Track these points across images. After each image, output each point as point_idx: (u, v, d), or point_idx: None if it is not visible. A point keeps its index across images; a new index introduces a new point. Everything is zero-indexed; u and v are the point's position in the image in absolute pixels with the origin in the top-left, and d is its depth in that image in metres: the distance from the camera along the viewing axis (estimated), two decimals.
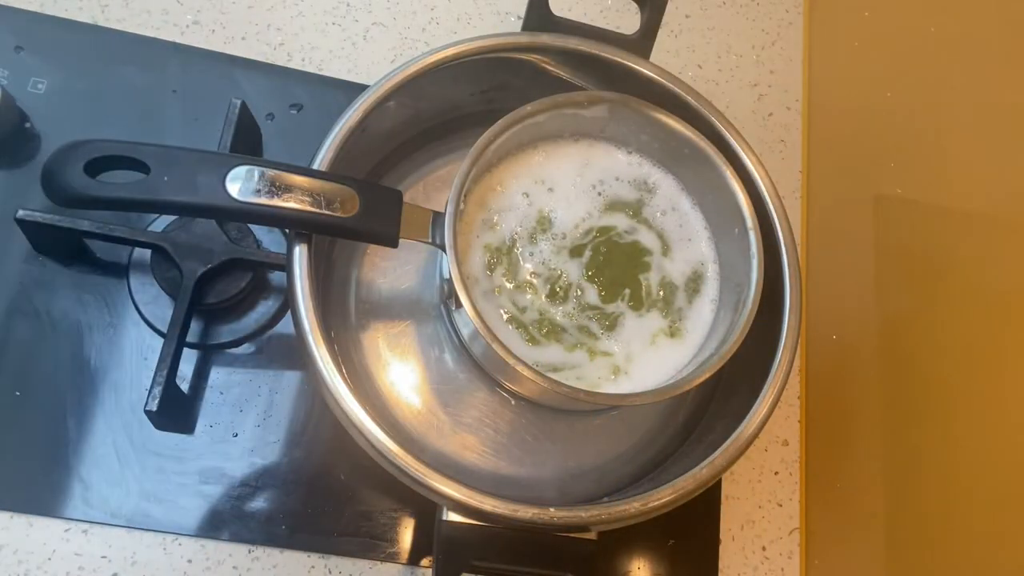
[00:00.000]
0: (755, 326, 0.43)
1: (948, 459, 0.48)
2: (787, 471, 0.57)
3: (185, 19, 0.59)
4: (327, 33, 0.61)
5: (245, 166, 0.38)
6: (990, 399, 0.45)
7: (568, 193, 0.48)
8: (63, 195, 0.38)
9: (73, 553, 0.47)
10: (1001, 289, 0.46)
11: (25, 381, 0.49)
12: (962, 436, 0.47)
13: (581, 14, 0.62)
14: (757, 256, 0.44)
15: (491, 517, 0.38)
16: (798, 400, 0.60)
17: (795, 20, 0.71)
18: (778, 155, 0.66)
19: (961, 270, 0.49)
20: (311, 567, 0.49)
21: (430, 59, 0.46)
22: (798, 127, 0.67)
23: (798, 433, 0.59)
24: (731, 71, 0.68)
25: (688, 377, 0.42)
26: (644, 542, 0.53)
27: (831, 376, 0.60)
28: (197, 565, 0.48)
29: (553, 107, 0.45)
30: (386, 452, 0.39)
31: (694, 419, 0.51)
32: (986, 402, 0.46)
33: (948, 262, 0.51)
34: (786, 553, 0.55)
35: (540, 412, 0.48)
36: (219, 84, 0.57)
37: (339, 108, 0.45)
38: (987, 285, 0.47)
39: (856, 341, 0.58)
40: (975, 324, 0.47)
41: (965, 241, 0.49)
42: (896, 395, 0.53)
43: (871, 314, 0.57)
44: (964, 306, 0.49)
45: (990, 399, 0.45)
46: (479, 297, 0.44)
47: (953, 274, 0.50)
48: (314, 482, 0.50)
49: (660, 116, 0.46)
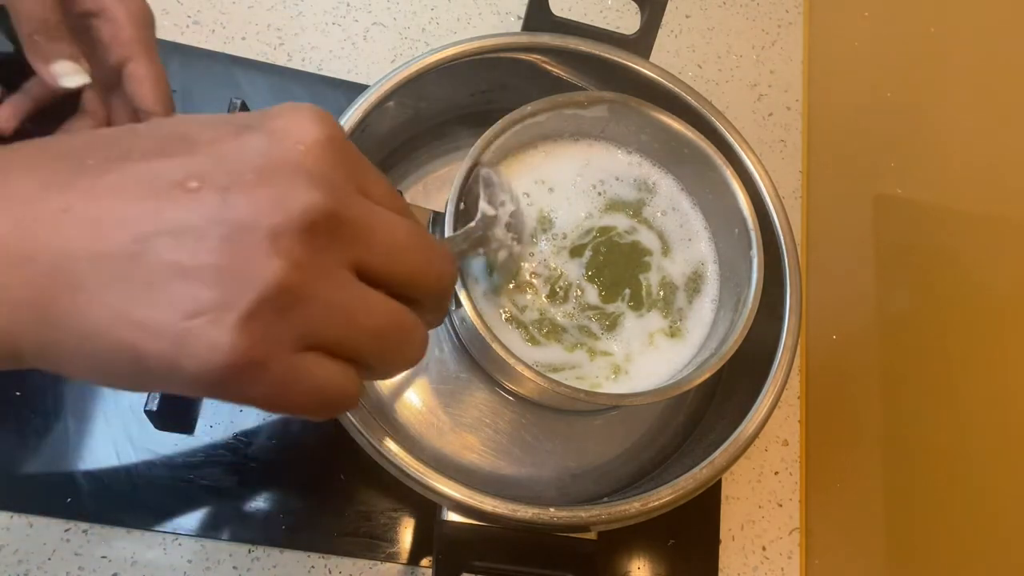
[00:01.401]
0: (755, 326, 0.43)
1: (948, 459, 0.48)
2: (787, 471, 0.57)
3: (185, 19, 0.59)
4: (327, 33, 0.61)
5: None
6: (990, 399, 0.45)
7: (568, 193, 0.48)
8: None
9: (73, 553, 0.47)
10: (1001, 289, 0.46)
11: (25, 381, 0.49)
12: (962, 435, 0.47)
13: (581, 14, 0.62)
14: (757, 256, 0.44)
15: (491, 517, 0.38)
16: (798, 400, 0.60)
17: (795, 20, 0.71)
18: (778, 155, 0.66)
19: (961, 270, 0.49)
20: (311, 567, 0.49)
21: (430, 59, 0.46)
22: (798, 127, 0.67)
23: (798, 433, 0.59)
24: (731, 71, 0.68)
25: (688, 377, 0.42)
26: (644, 542, 0.53)
27: (831, 376, 0.60)
28: (197, 565, 0.48)
29: (553, 107, 0.45)
30: (386, 452, 0.39)
31: (694, 419, 0.51)
32: (986, 402, 0.46)
33: (948, 262, 0.51)
34: (786, 553, 0.55)
35: (540, 412, 0.48)
36: (219, 84, 0.57)
37: (339, 108, 0.45)
38: (987, 285, 0.47)
39: (856, 341, 0.58)
40: (975, 324, 0.47)
41: (965, 241, 0.49)
42: (896, 395, 0.53)
43: (871, 314, 0.56)
44: (964, 306, 0.49)
45: (990, 399, 0.45)
46: (479, 297, 0.44)
47: (953, 274, 0.50)
48: (314, 482, 0.50)
49: (660, 116, 0.46)
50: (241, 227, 0.22)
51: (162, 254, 0.21)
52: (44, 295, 0.22)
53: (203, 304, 0.21)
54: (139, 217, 0.22)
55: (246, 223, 0.22)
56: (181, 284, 0.21)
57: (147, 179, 0.22)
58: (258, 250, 0.22)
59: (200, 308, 0.21)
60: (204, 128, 0.24)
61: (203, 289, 0.21)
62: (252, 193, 0.22)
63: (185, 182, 0.22)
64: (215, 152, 0.23)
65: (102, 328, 0.22)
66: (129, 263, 0.21)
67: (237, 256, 0.22)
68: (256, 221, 0.22)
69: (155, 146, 0.23)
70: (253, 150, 0.23)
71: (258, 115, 0.24)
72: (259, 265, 0.22)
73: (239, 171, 0.22)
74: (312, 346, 0.23)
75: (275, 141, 0.23)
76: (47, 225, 0.22)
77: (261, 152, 0.23)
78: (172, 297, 0.21)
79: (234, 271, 0.22)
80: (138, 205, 0.22)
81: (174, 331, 0.21)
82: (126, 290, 0.21)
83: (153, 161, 0.23)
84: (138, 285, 0.21)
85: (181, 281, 0.21)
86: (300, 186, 0.23)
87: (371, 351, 0.25)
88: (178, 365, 0.21)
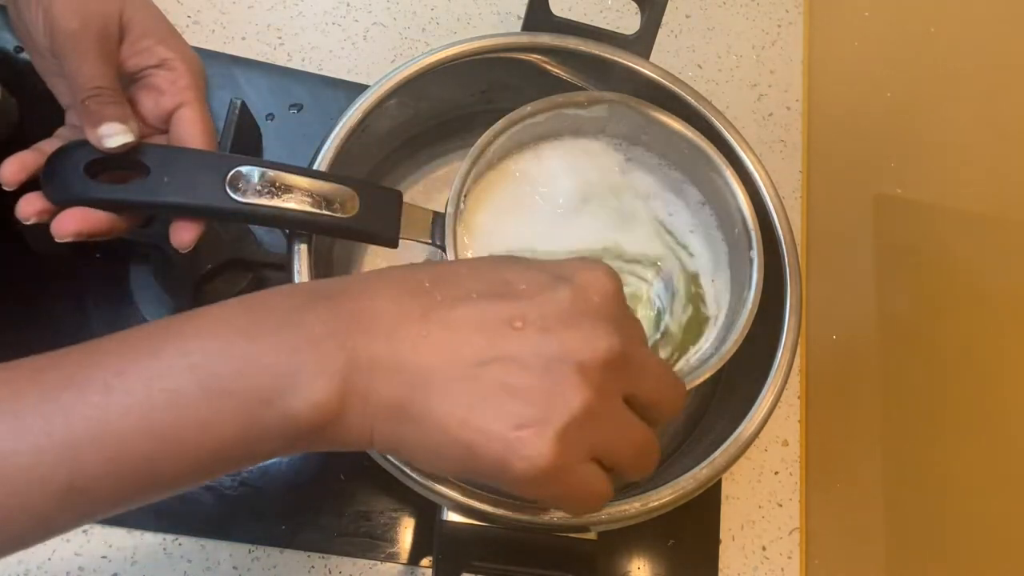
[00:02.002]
0: (755, 326, 0.43)
1: (948, 459, 0.48)
2: (787, 471, 0.57)
3: (184, 19, 0.59)
4: (327, 33, 0.61)
5: (245, 166, 0.38)
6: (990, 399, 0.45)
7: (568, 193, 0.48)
8: (63, 196, 0.38)
9: (73, 553, 0.47)
10: (1001, 289, 0.46)
11: None
12: (962, 436, 0.47)
13: (581, 14, 0.62)
14: (757, 256, 0.44)
15: (491, 517, 0.38)
16: (798, 400, 0.60)
17: (795, 20, 0.71)
18: (778, 155, 0.66)
19: (961, 270, 0.49)
20: (311, 567, 0.49)
21: (430, 59, 0.46)
22: (798, 127, 0.67)
23: (798, 433, 0.59)
24: (731, 71, 0.68)
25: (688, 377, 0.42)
26: (644, 542, 0.53)
27: (831, 376, 0.60)
28: (197, 565, 0.48)
29: (553, 107, 0.45)
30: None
31: (694, 419, 0.51)
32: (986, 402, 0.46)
33: (948, 262, 0.51)
34: (786, 553, 0.55)
35: None
36: (219, 84, 0.57)
37: (339, 108, 0.45)
38: (987, 285, 0.47)
39: (856, 341, 0.58)
40: (975, 324, 0.47)
41: (965, 241, 0.49)
42: (896, 395, 0.53)
43: (871, 314, 0.56)
44: (964, 306, 0.49)
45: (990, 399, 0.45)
46: None
47: (953, 274, 0.50)
48: (314, 482, 0.50)
49: (660, 116, 0.46)
50: (557, 359, 0.28)
51: (496, 376, 0.28)
52: (405, 398, 0.28)
53: (528, 419, 0.27)
54: (479, 345, 0.28)
55: (561, 356, 0.28)
56: (510, 401, 0.28)
57: (484, 317, 0.29)
58: (570, 378, 0.28)
59: (525, 422, 0.27)
60: (522, 276, 0.30)
61: (527, 407, 0.28)
62: (565, 333, 0.29)
63: (512, 321, 0.29)
64: (535, 299, 0.29)
65: (447, 427, 0.28)
66: (471, 380, 0.28)
67: (554, 382, 0.28)
68: (569, 355, 0.28)
69: (487, 289, 0.30)
70: (565, 299, 0.29)
71: (568, 268, 0.31)
72: (571, 390, 0.28)
73: (555, 315, 0.29)
74: (594, 457, 0.29)
75: (580, 291, 0.30)
76: (410, 345, 0.28)
77: (571, 300, 0.29)
78: (504, 411, 0.28)
79: (552, 394, 0.28)
80: (478, 336, 0.28)
81: (505, 438, 0.27)
82: (468, 401, 0.28)
83: (487, 303, 0.29)
84: (477, 398, 0.28)
85: (510, 399, 0.28)
86: (601, 330, 0.29)
87: (630, 463, 0.31)
88: (508, 465, 0.28)
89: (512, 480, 0.28)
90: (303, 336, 0.28)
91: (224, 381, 0.27)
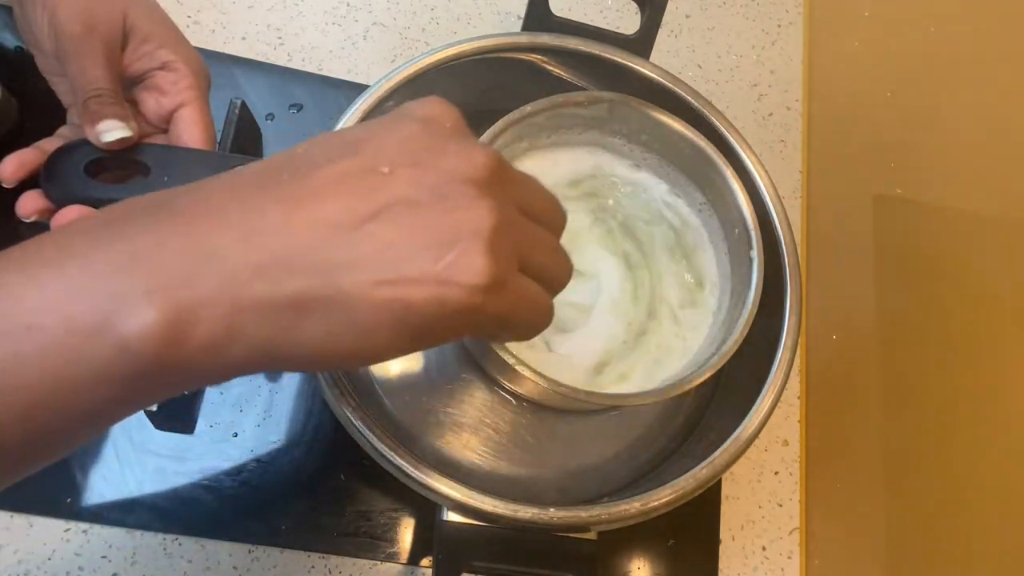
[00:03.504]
0: (755, 326, 0.43)
1: (948, 459, 0.48)
2: (787, 471, 0.57)
3: (185, 19, 0.59)
4: (327, 33, 0.61)
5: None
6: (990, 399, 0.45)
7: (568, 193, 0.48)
8: (63, 195, 0.38)
9: (73, 553, 0.47)
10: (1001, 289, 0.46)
11: None
12: (962, 436, 0.47)
13: (581, 14, 0.62)
14: (757, 256, 0.44)
15: (491, 517, 0.38)
16: (798, 400, 0.60)
17: (795, 20, 0.71)
18: (778, 155, 0.66)
19: (961, 270, 0.49)
20: (311, 567, 0.49)
21: (430, 59, 0.46)
22: (798, 127, 0.67)
23: (798, 433, 0.59)
24: (731, 71, 0.68)
25: (688, 377, 0.42)
26: (644, 542, 0.53)
27: (831, 376, 0.60)
28: (197, 565, 0.48)
29: (553, 107, 0.45)
30: (386, 452, 0.39)
31: (694, 419, 0.51)
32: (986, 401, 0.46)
33: (948, 262, 0.51)
34: (786, 553, 0.55)
35: (540, 412, 0.48)
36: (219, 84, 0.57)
37: (339, 108, 0.45)
38: (987, 285, 0.47)
39: (856, 341, 0.58)
40: (975, 324, 0.47)
41: (965, 241, 0.49)
42: (896, 395, 0.53)
43: (871, 314, 0.57)
44: (964, 306, 0.49)
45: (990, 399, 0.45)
46: None
47: (953, 274, 0.50)
48: (314, 482, 0.50)
49: (660, 116, 0.46)
50: (445, 183, 0.26)
51: (391, 225, 0.25)
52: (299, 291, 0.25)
53: (446, 247, 0.25)
54: (356, 204, 0.25)
55: (446, 180, 0.26)
56: (419, 240, 0.25)
57: (346, 174, 0.26)
58: (467, 194, 0.26)
59: (445, 251, 0.25)
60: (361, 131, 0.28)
61: (440, 236, 0.25)
62: (438, 160, 0.27)
63: (377, 168, 0.26)
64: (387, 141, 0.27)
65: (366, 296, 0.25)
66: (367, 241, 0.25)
67: (454, 204, 0.26)
68: (453, 175, 0.26)
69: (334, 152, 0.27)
70: (418, 132, 0.27)
71: (402, 110, 0.29)
72: (474, 203, 0.26)
73: (417, 149, 0.27)
74: (521, 268, 0.28)
75: (428, 122, 0.28)
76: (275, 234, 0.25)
77: (424, 131, 0.28)
78: (418, 253, 0.25)
79: (456, 214, 0.26)
80: (350, 197, 0.25)
81: (435, 275, 0.25)
82: (375, 261, 0.25)
83: (339, 163, 0.26)
84: (383, 255, 0.25)
85: (418, 238, 0.25)
86: (469, 145, 0.28)
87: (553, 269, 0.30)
88: (447, 299, 0.25)
89: (454, 314, 0.26)
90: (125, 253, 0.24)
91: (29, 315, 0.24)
